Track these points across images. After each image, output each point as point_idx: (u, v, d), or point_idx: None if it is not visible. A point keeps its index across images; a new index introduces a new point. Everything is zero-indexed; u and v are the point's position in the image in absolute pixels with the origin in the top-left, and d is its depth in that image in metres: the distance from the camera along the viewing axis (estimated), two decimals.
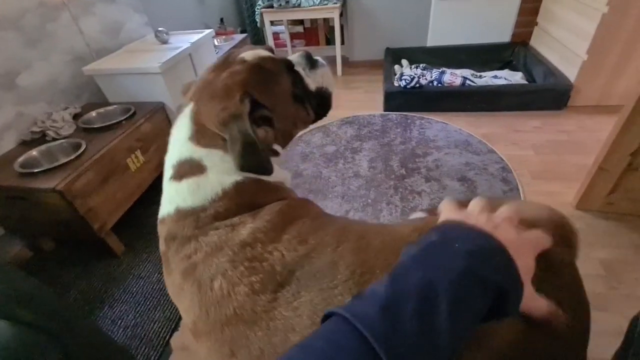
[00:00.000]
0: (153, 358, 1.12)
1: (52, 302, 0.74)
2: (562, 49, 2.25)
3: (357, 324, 0.27)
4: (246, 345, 0.41)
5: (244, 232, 0.47)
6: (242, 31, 3.31)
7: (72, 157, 1.31)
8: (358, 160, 1.95)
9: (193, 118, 0.54)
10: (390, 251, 0.45)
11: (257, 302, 0.42)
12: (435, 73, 2.49)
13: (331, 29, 3.39)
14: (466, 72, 2.48)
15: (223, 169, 0.51)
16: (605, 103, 2.14)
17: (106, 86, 1.77)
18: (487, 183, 1.67)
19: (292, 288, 0.42)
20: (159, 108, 1.71)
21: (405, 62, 2.88)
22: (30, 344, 0.66)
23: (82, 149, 1.35)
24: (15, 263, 1.44)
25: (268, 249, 0.45)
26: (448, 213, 0.38)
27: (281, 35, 3.61)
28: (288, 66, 0.61)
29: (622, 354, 0.42)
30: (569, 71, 2.16)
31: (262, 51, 0.60)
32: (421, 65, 2.70)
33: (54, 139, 1.46)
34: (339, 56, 3.06)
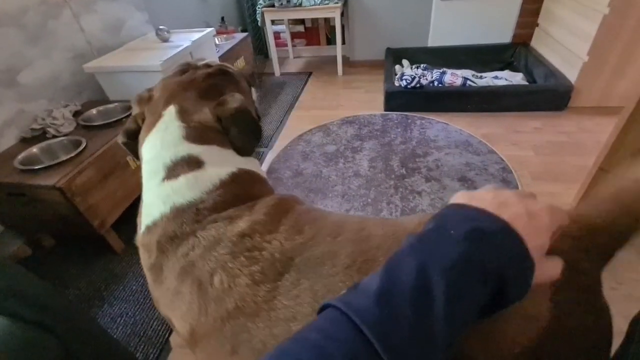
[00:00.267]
0: (152, 356, 1.12)
1: (53, 299, 0.75)
2: (563, 50, 2.25)
3: (350, 314, 0.27)
4: (248, 339, 0.41)
5: (242, 224, 0.47)
6: (243, 30, 3.31)
7: (73, 155, 1.31)
8: (358, 159, 1.95)
9: (182, 119, 0.54)
10: (393, 241, 0.44)
11: (258, 293, 0.41)
12: (436, 73, 2.49)
13: (332, 29, 3.40)
14: (467, 73, 2.48)
15: (221, 162, 0.53)
16: (605, 104, 2.14)
17: (107, 84, 1.77)
18: (487, 183, 1.67)
19: (292, 276, 0.42)
20: None
21: (406, 62, 2.89)
22: (30, 341, 0.66)
23: (83, 147, 1.35)
24: (15, 260, 1.44)
25: (266, 239, 0.46)
26: (457, 199, 0.36)
27: (282, 34, 3.61)
28: (248, 77, 0.70)
29: (622, 354, 0.42)
30: (570, 72, 2.16)
31: (213, 60, 0.69)
32: (422, 65, 2.70)
33: (55, 136, 1.46)
34: (340, 56, 3.06)
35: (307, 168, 1.92)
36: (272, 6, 2.87)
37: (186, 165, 0.51)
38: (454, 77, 2.41)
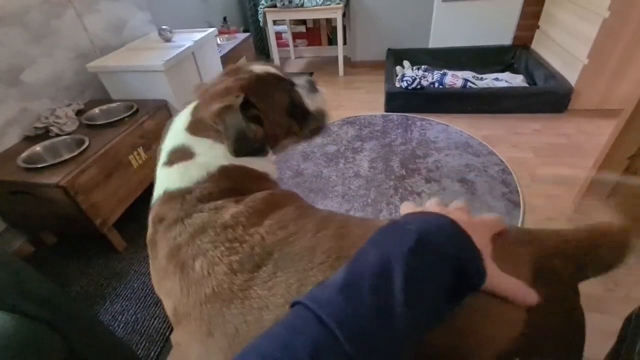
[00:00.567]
0: (153, 353, 1.13)
1: (57, 296, 0.75)
2: (563, 53, 2.26)
3: (314, 307, 0.28)
4: (222, 323, 0.42)
5: (226, 215, 0.49)
6: (245, 30, 3.32)
7: (76, 153, 1.32)
8: (359, 160, 1.96)
9: (192, 112, 0.60)
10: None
11: (234, 281, 0.43)
12: (436, 74, 2.50)
13: (333, 29, 3.41)
14: (467, 74, 2.49)
15: (211, 155, 0.56)
16: (605, 107, 2.15)
17: (109, 83, 1.78)
18: (487, 185, 1.68)
19: (269, 269, 0.43)
20: (162, 106, 1.72)
21: (407, 63, 2.89)
22: (34, 337, 0.67)
23: (85, 145, 1.36)
24: (17, 257, 1.45)
25: (249, 232, 0.47)
26: (405, 211, 0.40)
27: (283, 34, 3.62)
28: (289, 83, 0.68)
29: (614, 354, 0.43)
30: (570, 75, 2.17)
31: (270, 67, 0.67)
32: (423, 66, 2.71)
33: (58, 135, 1.47)
34: (341, 56, 3.07)
35: (308, 168, 1.93)
36: (274, 6, 2.88)
37: (180, 154, 0.56)
38: (455, 79, 2.42)
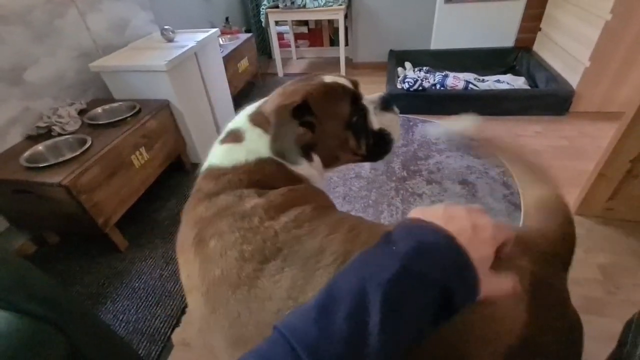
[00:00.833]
0: (154, 353, 1.13)
1: (59, 295, 0.76)
2: (565, 55, 2.26)
3: (287, 334, 0.28)
4: (226, 305, 0.44)
5: (247, 205, 0.51)
6: (247, 31, 3.32)
7: (78, 153, 1.32)
8: None
9: (260, 105, 0.65)
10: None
11: (243, 268, 0.44)
12: (438, 76, 2.50)
13: (335, 30, 3.41)
14: (469, 76, 2.49)
15: (255, 145, 0.59)
16: (606, 109, 2.15)
17: (112, 83, 1.78)
18: (488, 187, 1.68)
19: (277, 263, 0.44)
20: (164, 106, 1.72)
21: (408, 65, 2.90)
22: (37, 336, 0.67)
23: (88, 145, 1.37)
24: (19, 256, 1.45)
25: (264, 225, 0.48)
26: (414, 214, 0.39)
27: (285, 35, 3.62)
28: (356, 97, 0.67)
29: (616, 356, 0.44)
30: (571, 77, 2.18)
31: (342, 78, 0.68)
32: (424, 68, 2.71)
33: (60, 135, 1.47)
34: (343, 57, 3.07)
35: None
36: (276, 7, 2.89)
37: (234, 135, 0.61)
38: (456, 81, 2.43)
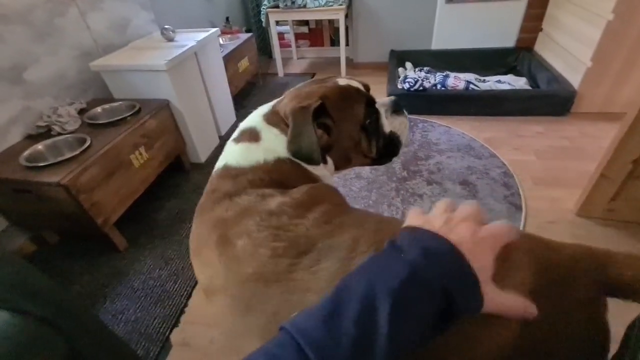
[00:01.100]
0: (153, 353, 1.13)
1: (59, 295, 0.75)
2: (567, 56, 2.25)
3: (296, 335, 0.28)
4: (262, 302, 0.44)
5: (272, 203, 0.51)
6: (248, 30, 3.32)
7: (77, 152, 1.32)
8: None
9: (274, 105, 0.65)
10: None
11: (278, 264, 0.44)
12: (439, 76, 2.50)
13: (336, 30, 3.41)
14: (470, 76, 2.49)
15: (272, 145, 0.59)
16: (608, 110, 2.14)
17: (112, 82, 1.78)
18: (489, 187, 1.68)
19: (313, 256, 0.45)
20: (164, 105, 1.72)
21: (409, 65, 2.89)
22: (35, 336, 0.67)
23: (87, 144, 1.37)
24: (19, 255, 1.45)
25: (293, 222, 0.49)
26: (411, 220, 0.39)
27: (286, 35, 3.62)
28: (370, 100, 0.68)
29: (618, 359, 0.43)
30: (573, 77, 2.17)
31: (355, 82, 0.70)
32: (425, 68, 2.71)
33: (60, 134, 1.47)
34: (344, 57, 3.07)
35: None
36: (277, 7, 2.89)
37: (249, 134, 0.61)
38: (457, 81, 2.42)
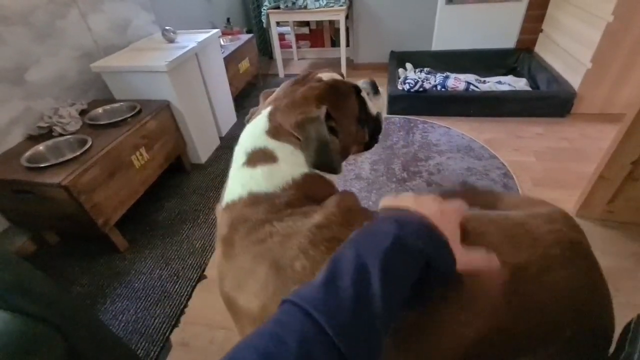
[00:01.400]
0: (153, 353, 1.13)
1: (58, 295, 0.76)
2: (567, 57, 2.26)
3: (300, 302, 0.31)
4: None
5: (318, 217, 0.51)
6: (248, 31, 3.33)
7: (78, 153, 1.32)
8: (360, 162, 1.96)
9: (269, 117, 0.61)
10: None
11: None
12: (439, 77, 2.50)
13: (336, 31, 3.41)
14: (470, 77, 2.49)
15: (293, 161, 0.57)
16: (608, 111, 2.14)
17: (113, 83, 1.79)
18: (489, 188, 1.68)
19: None
20: (165, 106, 1.73)
21: (409, 66, 2.89)
22: (34, 336, 0.67)
23: (88, 145, 1.37)
24: (19, 256, 1.46)
25: (342, 230, 0.49)
26: (384, 202, 0.47)
27: (287, 36, 3.63)
28: (357, 90, 0.68)
29: (614, 359, 0.43)
30: (573, 79, 2.17)
31: (336, 74, 0.69)
32: (425, 69, 2.71)
33: (61, 135, 1.47)
34: (344, 58, 3.07)
35: None
36: (278, 8, 2.89)
37: (262, 156, 0.58)
38: (457, 82, 2.42)
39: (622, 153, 1.26)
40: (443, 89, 2.42)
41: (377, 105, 0.73)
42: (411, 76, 2.54)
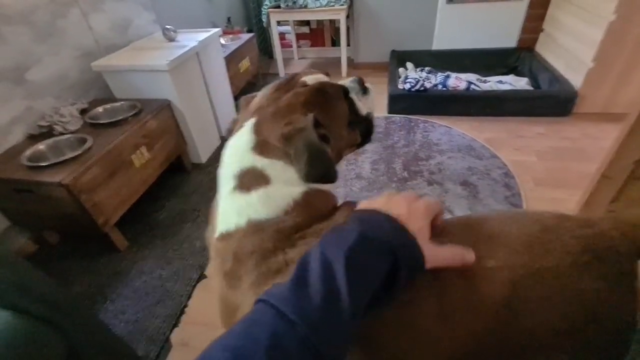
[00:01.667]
0: (153, 353, 1.13)
1: (58, 295, 0.76)
2: (568, 56, 2.25)
3: (270, 299, 0.33)
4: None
5: None
6: (249, 31, 3.33)
7: (79, 152, 1.32)
8: (361, 162, 1.95)
9: (254, 131, 0.54)
10: None
11: None
12: (440, 77, 2.50)
13: (337, 30, 3.40)
14: (471, 77, 2.48)
15: (287, 179, 0.51)
16: (610, 110, 2.13)
17: (113, 82, 1.79)
18: (490, 188, 1.67)
19: None
20: (165, 105, 1.73)
21: (410, 65, 2.89)
22: (34, 336, 0.67)
23: (89, 144, 1.37)
24: (20, 255, 1.46)
25: None
26: (359, 206, 0.48)
27: (287, 35, 3.62)
28: (345, 92, 0.63)
29: None
30: (575, 78, 2.16)
31: (322, 76, 0.64)
32: (426, 68, 2.71)
33: (61, 134, 1.47)
34: (344, 57, 3.07)
35: None
36: (278, 7, 2.89)
37: (254, 178, 0.51)
38: (458, 81, 2.42)
39: (625, 152, 1.25)
40: (444, 89, 2.42)
41: (367, 104, 0.68)
42: (412, 75, 2.53)
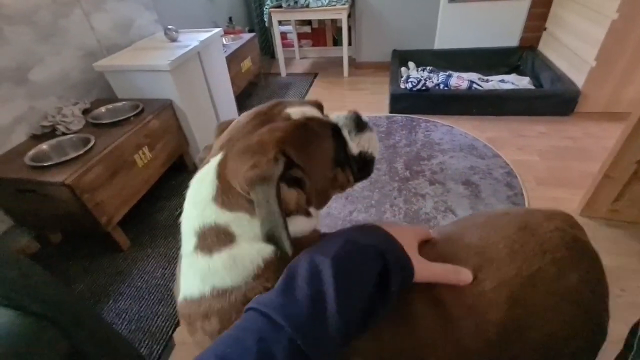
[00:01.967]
0: (156, 352, 1.13)
1: (61, 294, 0.76)
2: (571, 55, 2.24)
3: (258, 306, 0.33)
4: None
5: None
6: (250, 30, 3.33)
7: (81, 152, 1.33)
8: None
9: (218, 173, 0.45)
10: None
11: None
12: (441, 76, 2.49)
13: (339, 30, 3.41)
14: (473, 76, 2.48)
15: (255, 235, 0.43)
16: (612, 110, 2.13)
17: (115, 82, 1.79)
18: (492, 187, 1.67)
19: None
20: (167, 105, 1.73)
21: (412, 65, 2.89)
22: (36, 334, 0.67)
23: (91, 144, 1.37)
24: (23, 254, 1.46)
25: None
26: None
27: (289, 35, 3.62)
28: (334, 130, 0.55)
29: None
30: (577, 77, 2.15)
31: (310, 109, 0.54)
32: (428, 68, 2.70)
33: (64, 134, 1.48)
34: (346, 57, 3.06)
35: None
36: (280, 7, 2.89)
37: (216, 237, 0.43)
38: (460, 81, 2.41)
39: (628, 152, 1.25)
40: (446, 88, 2.41)
41: (362, 144, 0.58)
42: (414, 75, 2.53)
